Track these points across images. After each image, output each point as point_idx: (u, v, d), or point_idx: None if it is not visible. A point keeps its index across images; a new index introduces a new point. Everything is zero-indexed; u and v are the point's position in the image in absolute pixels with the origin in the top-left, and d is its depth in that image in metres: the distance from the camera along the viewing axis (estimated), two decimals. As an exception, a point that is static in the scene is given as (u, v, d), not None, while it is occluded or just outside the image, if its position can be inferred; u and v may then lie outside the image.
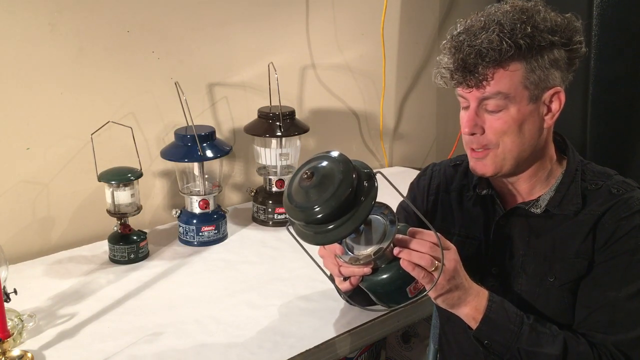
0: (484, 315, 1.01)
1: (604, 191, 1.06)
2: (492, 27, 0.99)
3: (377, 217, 1.00)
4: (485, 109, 1.03)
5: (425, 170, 1.30)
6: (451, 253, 0.99)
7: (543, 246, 1.09)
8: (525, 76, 1.00)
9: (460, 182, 1.21)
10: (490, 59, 0.98)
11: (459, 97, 1.07)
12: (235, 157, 1.98)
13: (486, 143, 1.05)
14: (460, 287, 1.00)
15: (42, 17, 1.55)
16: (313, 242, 0.92)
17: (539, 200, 1.10)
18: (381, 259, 0.97)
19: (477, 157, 1.07)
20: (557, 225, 1.08)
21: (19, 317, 1.24)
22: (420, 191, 1.27)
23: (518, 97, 1.01)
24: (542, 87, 1.02)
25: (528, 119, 1.03)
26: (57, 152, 1.64)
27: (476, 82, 1.00)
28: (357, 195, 0.89)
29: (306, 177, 0.89)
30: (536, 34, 0.98)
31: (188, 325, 1.30)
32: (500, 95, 1.00)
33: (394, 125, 2.40)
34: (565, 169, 1.10)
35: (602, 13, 1.81)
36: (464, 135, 1.07)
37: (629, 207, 1.03)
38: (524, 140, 1.04)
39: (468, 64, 0.99)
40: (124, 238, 1.56)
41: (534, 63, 0.99)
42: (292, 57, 2.03)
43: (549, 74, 1.01)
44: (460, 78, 1.01)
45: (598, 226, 1.04)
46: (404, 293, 0.98)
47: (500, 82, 1.00)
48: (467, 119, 1.05)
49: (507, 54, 0.97)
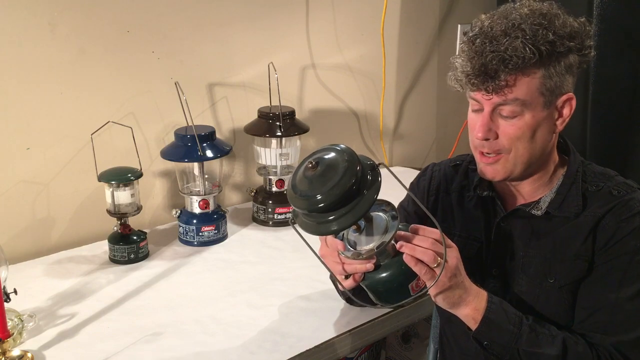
0: (483, 316, 1.01)
1: (605, 193, 1.06)
2: (514, 32, 0.97)
3: (379, 213, 1.00)
4: (500, 114, 1.02)
5: (425, 170, 1.30)
6: (453, 251, 0.99)
7: (543, 247, 1.09)
8: (542, 82, 0.99)
9: (460, 183, 1.21)
10: (514, 66, 0.96)
11: (470, 100, 1.06)
12: (235, 157, 1.98)
13: (499, 148, 1.04)
14: (460, 286, 1.00)
15: (42, 17, 1.54)
16: (316, 232, 0.92)
17: (540, 202, 1.10)
18: (383, 255, 0.97)
19: (488, 163, 1.06)
20: (557, 226, 1.08)
21: (19, 317, 1.24)
22: (421, 191, 1.26)
23: (534, 103, 1.00)
24: (556, 94, 1.01)
25: (541, 125, 1.02)
26: (57, 152, 1.64)
27: (495, 88, 0.98)
28: (360, 187, 0.88)
29: (311, 166, 0.89)
30: (557, 41, 0.97)
31: (188, 325, 1.30)
32: (517, 101, 0.99)
33: (394, 125, 2.40)
34: (566, 171, 1.10)
35: (602, 13, 1.81)
36: (476, 139, 1.05)
37: (629, 208, 1.03)
38: (535, 146, 1.03)
39: (489, 70, 0.97)
40: (124, 238, 1.56)
41: (551, 70, 0.99)
42: (292, 57, 2.03)
43: (564, 80, 1.01)
44: (479, 83, 0.99)
45: (598, 228, 1.04)
46: (405, 291, 0.98)
47: (519, 89, 0.98)
48: (481, 124, 1.03)
49: (530, 61, 0.96)
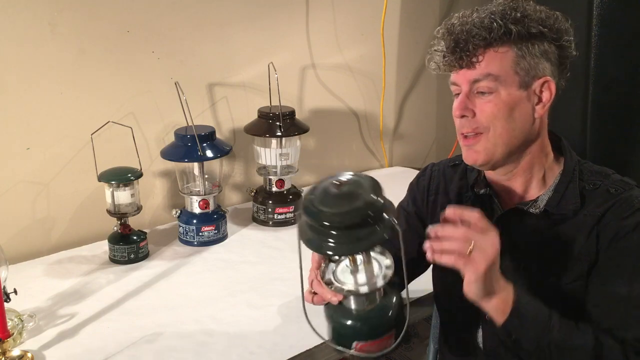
0: (512, 307, 0.97)
1: (602, 191, 1.06)
2: (483, 12, 1.03)
3: (376, 264, 0.95)
4: (477, 92, 1.05)
5: (424, 170, 1.30)
6: (490, 238, 0.94)
7: (543, 247, 1.08)
8: (515, 61, 1.02)
9: (459, 183, 1.21)
10: (481, 37, 1.01)
11: (451, 86, 1.09)
12: (235, 157, 1.98)
13: (477, 126, 1.05)
14: (495, 276, 0.96)
15: (42, 17, 1.55)
16: (309, 245, 0.90)
17: (538, 201, 1.10)
18: (351, 301, 0.94)
19: (469, 145, 1.08)
20: (556, 225, 1.08)
21: (19, 317, 1.24)
22: (420, 191, 1.26)
23: (509, 80, 1.03)
24: (532, 75, 1.03)
25: (519, 105, 1.04)
26: (57, 152, 1.64)
27: (467, 62, 1.03)
28: (370, 226, 0.86)
29: (337, 183, 0.88)
30: (526, 21, 1.01)
31: (188, 325, 1.30)
32: (490, 77, 1.02)
33: (394, 125, 2.40)
34: (562, 169, 1.10)
35: (602, 13, 1.81)
36: (456, 119, 1.08)
37: (630, 205, 1.03)
38: (514, 126, 1.05)
39: (459, 43, 1.02)
40: (124, 238, 1.56)
41: (524, 49, 1.02)
42: (292, 57, 2.03)
43: (539, 63, 1.03)
44: (452, 59, 1.04)
45: (600, 227, 1.03)
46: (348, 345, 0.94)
47: (490, 64, 1.02)
48: (458, 102, 1.06)
49: (498, 32, 1.00)
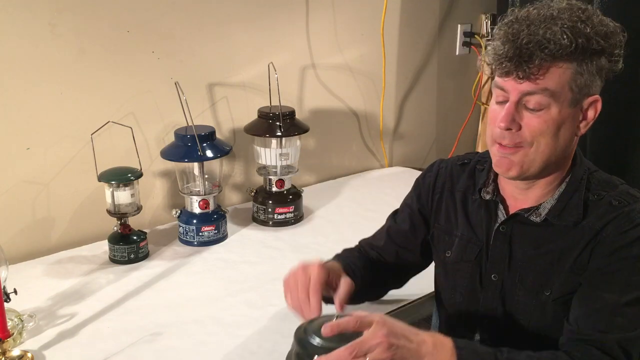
0: None
1: (605, 202, 1.03)
2: (552, 20, 0.95)
3: None
4: (525, 106, 0.98)
5: (431, 166, 1.26)
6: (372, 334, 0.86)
7: (541, 258, 1.06)
8: (573, 78, 0.96)
9: (466, 183, 1.18)
10: (550, 52, 0.94)
11: (496, 89, 1.02)
12: (235, 157, 1.98)
13: (520, 141, 1.00)
14: (404, 346, 0.88)
15: (42, 17, 1.54)
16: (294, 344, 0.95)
17: (540, 208, 1.07)
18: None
19: (504, 153, 1.02)
20: (556, 236, 1.05)
21: (19, 317, 1.24)
22: (426, 188, 1.24)
23: (562, 98, 0.97)
24: (584, 93, 0.98)
25: (566, 123, 0.99)
26: (57, 152, 1.64)
27: (527, 74, 0.95)
28: None
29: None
30: (592, 37, 0.95)
31: (188, 325, 1.30)
32: (546, 92, 0.96)
33: (394, 125, 2.40)
34: (570, 178, 1.07)
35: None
36: (497, 129, 1.01)
37: (630, 219, 1.00)
38: (557, 144, 1.00)
39: (524, 54, 0.94)
40: (124, 238, 1.56)
41: (583, 66, 0.96)
42: (292, 57, 2.03)
43: (593, 81, 0.98)
44: (511, 67, 0.96)
45: (597, 240, 1.01)
46: None
47: (550, 79, 0.96)
48: (505, 113, 0.99)
49: (567, 49, 0.94)
